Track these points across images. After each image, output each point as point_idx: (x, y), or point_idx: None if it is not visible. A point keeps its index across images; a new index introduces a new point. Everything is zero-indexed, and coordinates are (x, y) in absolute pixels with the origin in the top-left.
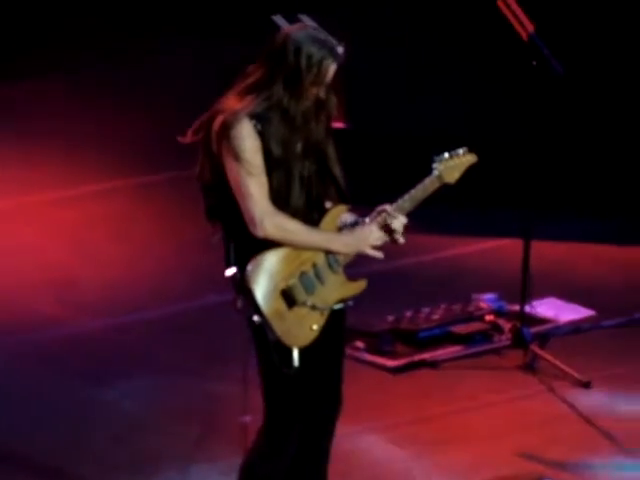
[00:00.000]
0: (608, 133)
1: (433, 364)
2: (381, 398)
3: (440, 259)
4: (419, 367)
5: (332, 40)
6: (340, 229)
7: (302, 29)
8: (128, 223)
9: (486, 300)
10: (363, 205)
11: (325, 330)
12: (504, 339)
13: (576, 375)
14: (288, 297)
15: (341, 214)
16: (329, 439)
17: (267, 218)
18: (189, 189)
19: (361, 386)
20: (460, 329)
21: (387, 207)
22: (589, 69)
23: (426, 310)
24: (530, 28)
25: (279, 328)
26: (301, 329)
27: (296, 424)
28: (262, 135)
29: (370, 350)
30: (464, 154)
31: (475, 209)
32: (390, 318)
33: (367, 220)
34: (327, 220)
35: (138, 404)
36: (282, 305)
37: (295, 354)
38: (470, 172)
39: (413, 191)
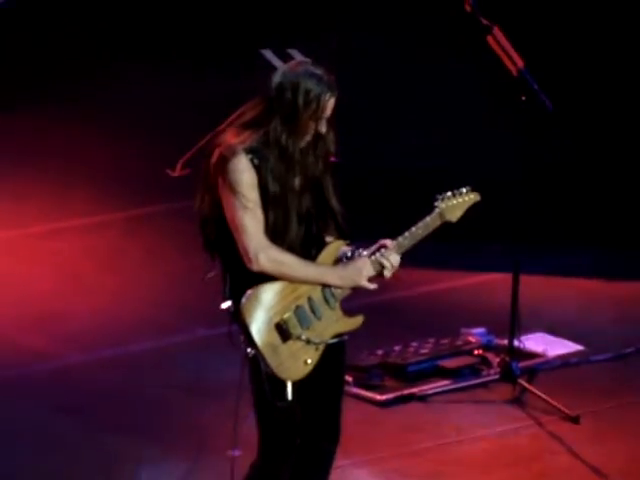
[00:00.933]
0: (599, 168)
1: (422, 398)
2: (369, 432)
3: (429, 293)
4: (408, 401)
5: (329, 75)
6: (338, 261)
7: (299, 65)
8: (116, 256)
9: (475, 334)
10: (361, 239)
11: (323, 364)
12: (493, 373)
13: (565, 410)
14: (282, 331)
15: (339, 249)
16: (326, 474)
17: (262, 252)
18: (178, 222)
19: (349, 420)
20: (449, 363)
21: (387, 242)
22: (577, 105)
23: (415, 344)
24: (520, 63)
25: (273, 361)
26: (295, 363)
27: (289, 457)
28: (259, 170)
29: (359, 384)
30: (467, 193)
31: (464, 244)
32: (379, 352)
33: (365, 252)
34: (324, 255)
35: (123, 439)
36: (276, 338)
37: (289, 387)
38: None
39: (414, 228)
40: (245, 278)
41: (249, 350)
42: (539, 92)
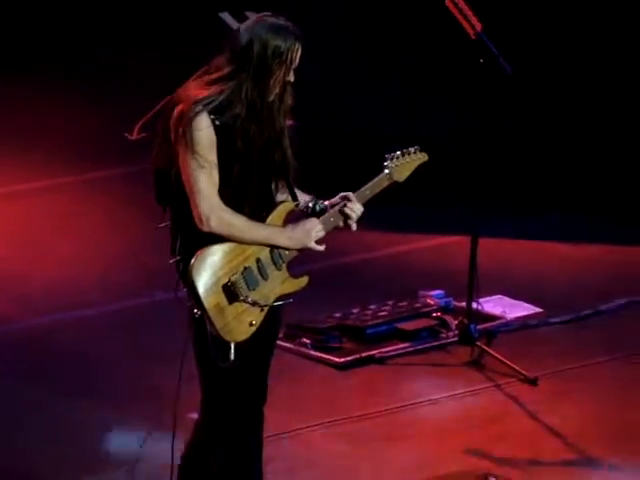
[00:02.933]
0: (560, 129)
1: (380, 360)
2: (328, 394)
3: (387, 256)
4: (366, 363)
5: (292, 24)
6: (301, 211)
7: (262, 20)
8: (74, 219)
9: (433, 297)
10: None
11: (262, 325)
12: (451, 336)
13: (523, 372)
14: (230, 292)
15: (289, 210)
16: (261, 434)
17: (213, 214)
18: (136, 185)
19: (307, 382)
20: (407, 325)
21: (350, 194)
22: (536, 67)
23: (373, 307)
24: (478, 27)
25: (218, 322)
26: (240, 324)
27: (233, 419)
28: (221, 129)
29: (317, 346)
30: (415, 152)
31: (423, 206)
32: (337, 314)
33: (327, 203)
34: (275, 215)
35: (82, 403)
36: (223, 300)
37: (232, 348)
38: (418, 169)
39: (362, 189)
40: (196, 237)
41: (195, 311)
42: (498, 55)
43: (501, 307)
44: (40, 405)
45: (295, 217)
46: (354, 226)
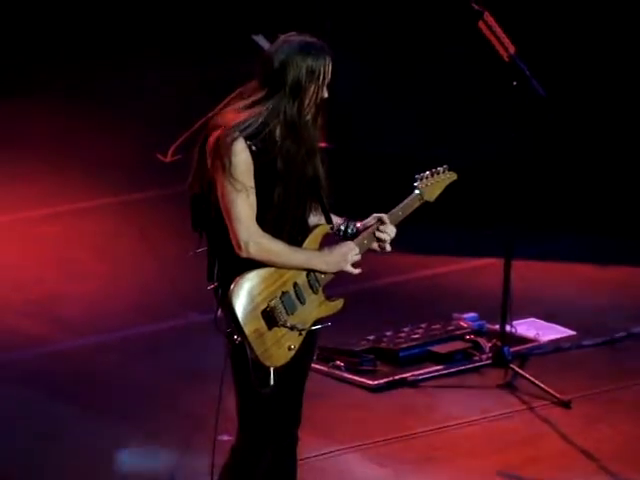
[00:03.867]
0: (589, 153)
1: (413, 383)
2: (361, 416)
3: (421, 278)
4: (399, 386)
5: (320, 41)
6: (337, 236)
7: (291, 40)
8: (110, 241)
9: (467, 319)
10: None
11: (301, 348)
12: (484, 358)
13: (556, 394)
14: (269, 318)
15: (324, 234)
16: (295, 458)
17: (252, 240)
18: (170, 207)
19: (341, 405)
20: (441, 348)
21: (383, 215)
22: (571, 91)
23: (407, 329)
24: (511, 49)
25: (258, 348)
26: (279, 349)
27: (270, 443)
28: (260, 154)
29: (350, 369)
30: (444, 172)
31: (457, 228)
32: (371, 337)
33: (359, 225)
34: (311, 239)
35: (116, 423)
36: (262, 325)
37: (272, 374)
38: (452, 191)
39: (394, 210)
40: (234, 263)
41: (235, 337)
42: (531, 78)
43: (534, 330)
44: (72, 426)
45: (328, 240)
46: (388, 247)
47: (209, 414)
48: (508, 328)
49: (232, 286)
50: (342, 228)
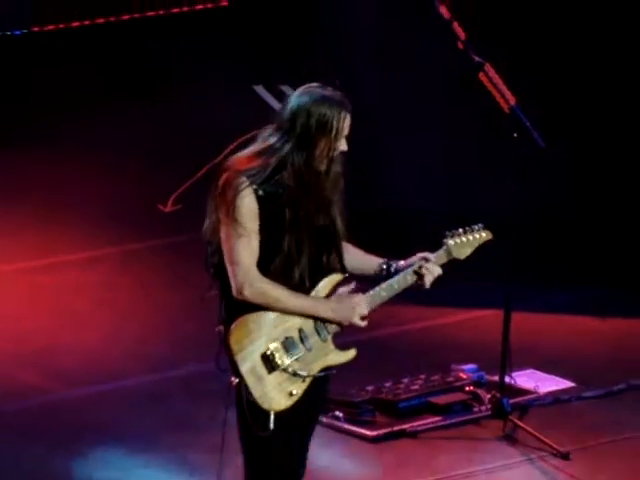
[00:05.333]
0: (589, 206)
1: (413, 434)
2: (360, 468)
3: (420, 329)
4: (399, 437)
5: (340, 94)
6: (376, 274)
7: (309, 89)
8: (110, 291)
9: (466, 370)
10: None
11: (307, 395)
12: (484, 409)
13: (555, 446)
14: (268, 361)
15: (336, 282)
16: None
17: (247, 284)
18: (171, 257)
19: (340, 455)
20: (440, 399)
21: (428, 254)
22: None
23: (406, 380)
24: (512, 100)
25: (256, 391)
26: (279, 393)
27: None
28: (266, 199)
29: (349, 419)
30: (479, 230)
31: (456, 280)
32: (370, 388)
33: (402, 263)
34: (321, 286)
35: (113, 475)
36: (262, 368)
37: (271, 417)
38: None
39: (433, 256)
40: (238, 304)
41: (233, 378)
42: (531, 129)
43: (533, 381)
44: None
45: (369, 280)
46: (427, 284)
47: (210, 465)
48: (507, 379)
49: (233, 326)
50: (384, 267)
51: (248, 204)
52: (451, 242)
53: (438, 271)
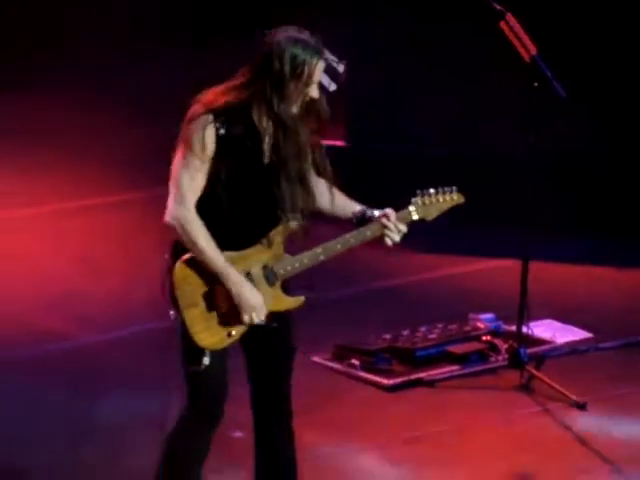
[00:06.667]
0: (607, 154)
1: (429, 383)
2: (376, 416)
3: (438, 279)
4: (415, 386)
5: (315, 39)
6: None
7: (284, 32)
8: (131, 237)
9: (483, 320)
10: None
11: (270, 341)
12: (501, 359)
13: (572, 396)
14: (209, 299)
15: (288, 232)
16: (294, 448)
17: (176, 210)
18: None
19: (356, 404)
20: (457, 349)
21: (391, 211)
22: (591, 91)
23: (423, 329)
24: (533, 50)
25: (192, 326)
26: (218, 332)
27: (207, 415)
28: (225, 140)
29: (366, 368)
30: (450, 193)
31: (474, 230)
32: (387, 336)
33: (376, 213)
34: (275, 232)
35: (129, 418)
36: (202, 305)
37: (206, 354)
38: (470, 193)
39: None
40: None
41: (171, 312)
42: (552, 79)
43: (551, 331)
44: (87, 421)
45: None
46: (388, 241)
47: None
48: (525, 329)
49: (179, 262)
50: (358, 216)
51: (206, 139)
52: (419, 201)
53: (401, 228)
